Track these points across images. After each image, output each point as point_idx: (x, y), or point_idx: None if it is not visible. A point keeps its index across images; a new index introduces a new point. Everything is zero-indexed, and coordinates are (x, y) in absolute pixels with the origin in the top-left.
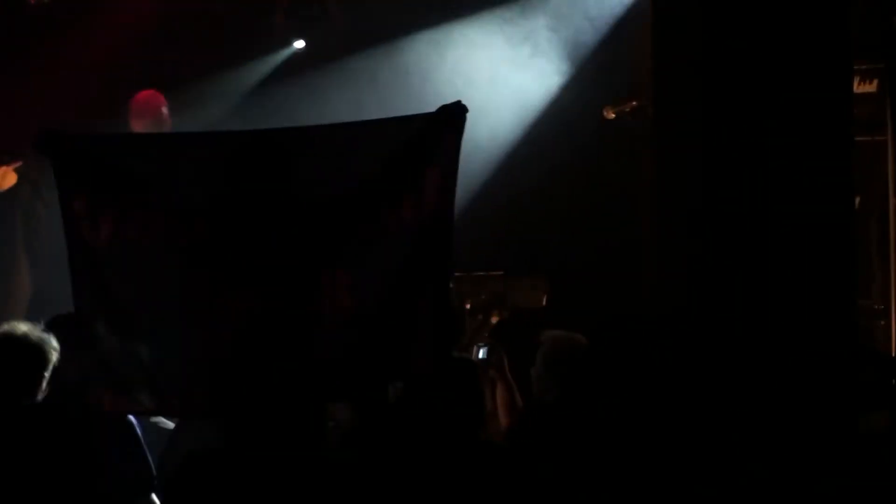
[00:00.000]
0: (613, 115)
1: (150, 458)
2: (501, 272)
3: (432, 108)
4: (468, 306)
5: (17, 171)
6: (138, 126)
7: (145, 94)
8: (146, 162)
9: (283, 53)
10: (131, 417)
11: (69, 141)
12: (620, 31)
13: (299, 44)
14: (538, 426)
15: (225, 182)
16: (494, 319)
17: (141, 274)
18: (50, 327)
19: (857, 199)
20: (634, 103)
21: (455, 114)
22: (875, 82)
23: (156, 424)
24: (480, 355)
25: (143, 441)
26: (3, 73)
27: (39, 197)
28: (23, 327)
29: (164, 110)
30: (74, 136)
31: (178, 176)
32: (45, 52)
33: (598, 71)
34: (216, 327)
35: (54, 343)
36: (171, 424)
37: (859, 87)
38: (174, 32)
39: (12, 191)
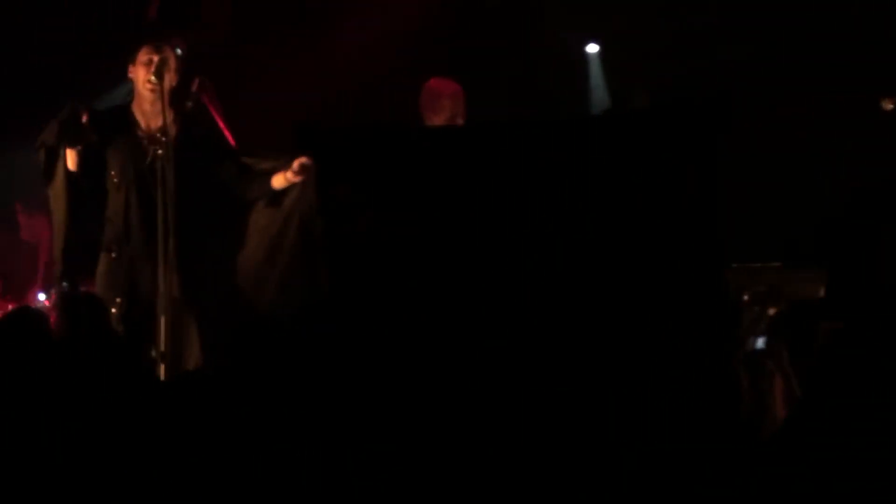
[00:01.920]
0: (892, 107)
1: None
2: (779, 263)
3: None
4: (745, 298)
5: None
6: (435, 108)
7: (439, 78)
8: (408, 154)
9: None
10: None
11: (330, 133)
12: None
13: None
14: (814, 420)
15: (481, 178)
16: (771, 311)
17: (399, 266)
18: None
19: None
20: None
21: (718, 104)
22: None
23: None
24: (758, 346)
25: None
26: (273, 61)
27: None
28: None
29: (459, 93)
30: (335, 128)
31: (438, 171)
32: (312, 42)
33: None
34: (475, 325)
35: None
36: None
37: None
38: (444, 27)
39: None
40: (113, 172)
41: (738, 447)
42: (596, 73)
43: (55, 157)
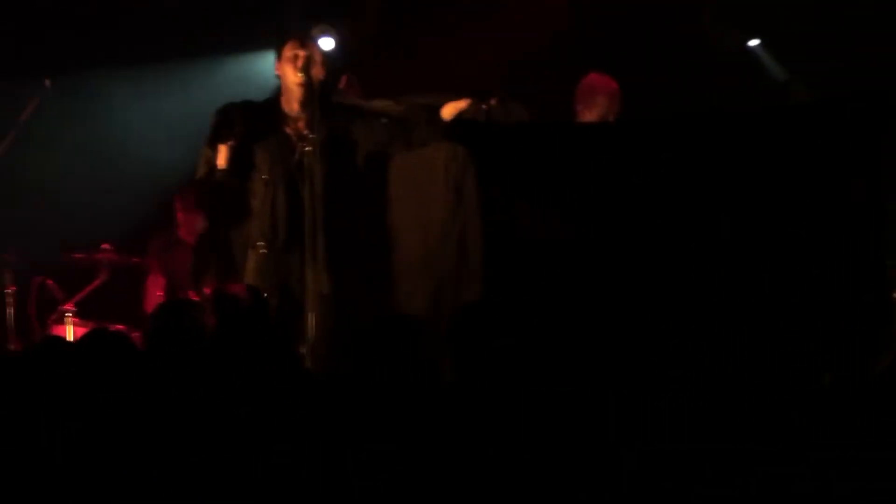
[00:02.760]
0: None
1: None
2: None
3: None
4: None
5: None
6: (589, 104)
7: (597, 74)
8: (569, 151)
9: None
10: None
11: (489, 129)
12: None
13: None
14: None
15: (639, 173)
16: None
17: (559, 264)
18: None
19: None
20: None
21: (883, 99)
22: None
23: None
24: None
25: None
26: (423, 54)
27: None
28: None
29: (616, 92)
30: (494, 125)
31: (600, 167)
32: (464, 35)
33: None
34: (639, 322)
35: None
36: None
37: None
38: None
39: None
40: (261, 168)
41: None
42: (772, 66)
43: (207, 153)
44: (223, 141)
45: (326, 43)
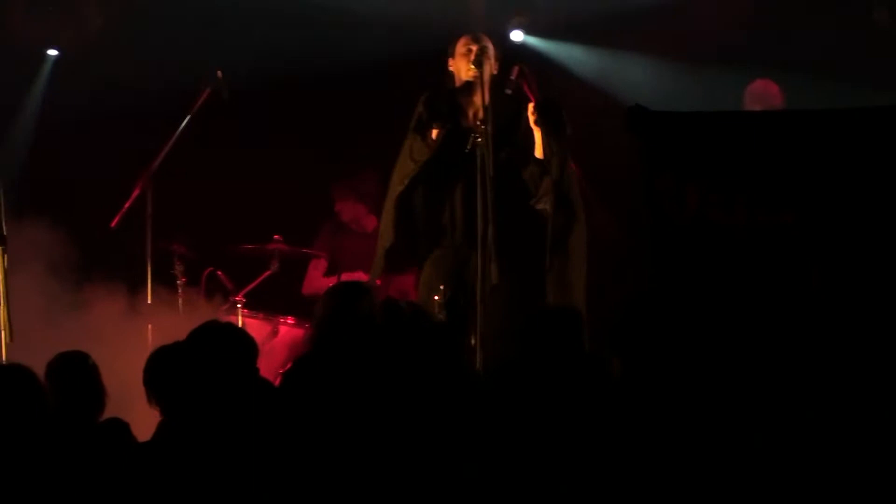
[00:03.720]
0: None
1: None
2: None
3: None
4: None
5: None
6: (749, 103)
7: (763, 82)
8: (736, 141)
9: None
10: None
11: (658, 117)
12: None
13: None
14: None
15: (820, 167)
16: None
17: (723, 256)
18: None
19: None
20: None
21: None
22: None
23: None
24: None
25: None
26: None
27: None
28: None
29: (779, 101)
30: (663, 113)
31: (769, 157)
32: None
33: None
34: (802, 316)
35: None
36: None
37: None
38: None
39: None
40: (439, 161)
41: None
42: None
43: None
44: (436, 127)
45: (516, 36)
